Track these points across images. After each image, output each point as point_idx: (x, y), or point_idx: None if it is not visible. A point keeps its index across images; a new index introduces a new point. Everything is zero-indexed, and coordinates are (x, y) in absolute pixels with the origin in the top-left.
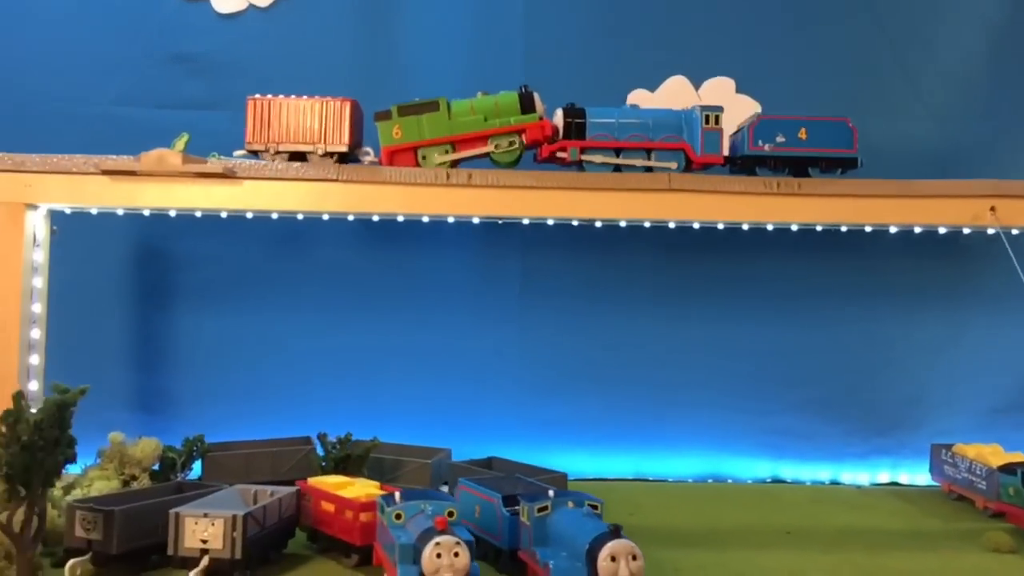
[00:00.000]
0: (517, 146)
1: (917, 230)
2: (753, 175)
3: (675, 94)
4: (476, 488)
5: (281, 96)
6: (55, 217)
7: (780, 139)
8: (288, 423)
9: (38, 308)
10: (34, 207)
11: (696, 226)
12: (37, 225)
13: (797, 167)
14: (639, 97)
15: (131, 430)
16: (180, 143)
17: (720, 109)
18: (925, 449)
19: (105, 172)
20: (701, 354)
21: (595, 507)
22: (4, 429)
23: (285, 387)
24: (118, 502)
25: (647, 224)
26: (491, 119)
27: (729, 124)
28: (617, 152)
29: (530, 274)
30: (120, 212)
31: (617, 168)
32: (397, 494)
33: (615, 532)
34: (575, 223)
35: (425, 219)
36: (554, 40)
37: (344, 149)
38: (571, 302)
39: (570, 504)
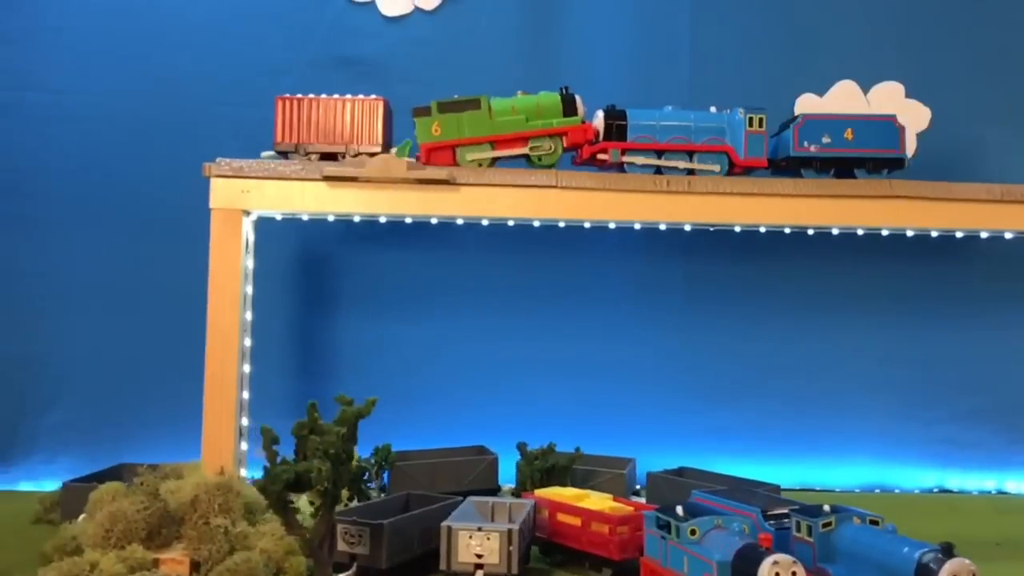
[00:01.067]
0: (558, 149)
1: None
2: (799, 176)
3: (844, 98)
4: (723, 502)
5: (311, 95)
6: None
7: (826, 139)
8: (448, 430)
9: (248, 315)
10: (247, 213)
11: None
12: (247, 231)
13: (843, 168)
14: (808, 101)
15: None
16: (402, 149)
17: (764, 111)
18: None
19: (327, 178)
20: (868, 361)
21: (876, 522)
22: (306, 441)
23: (444, 394)
24: (373, 515)
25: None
26: (532, 120)
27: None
28: (659, 154)
29: (693, 280)
30: (331, 218)
31: (658, 170)
32: (680, 508)
33: (948, 550)
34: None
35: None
36: (720, 44)
37: (378, 149)
38: (734, 308)
39: (856, 520)
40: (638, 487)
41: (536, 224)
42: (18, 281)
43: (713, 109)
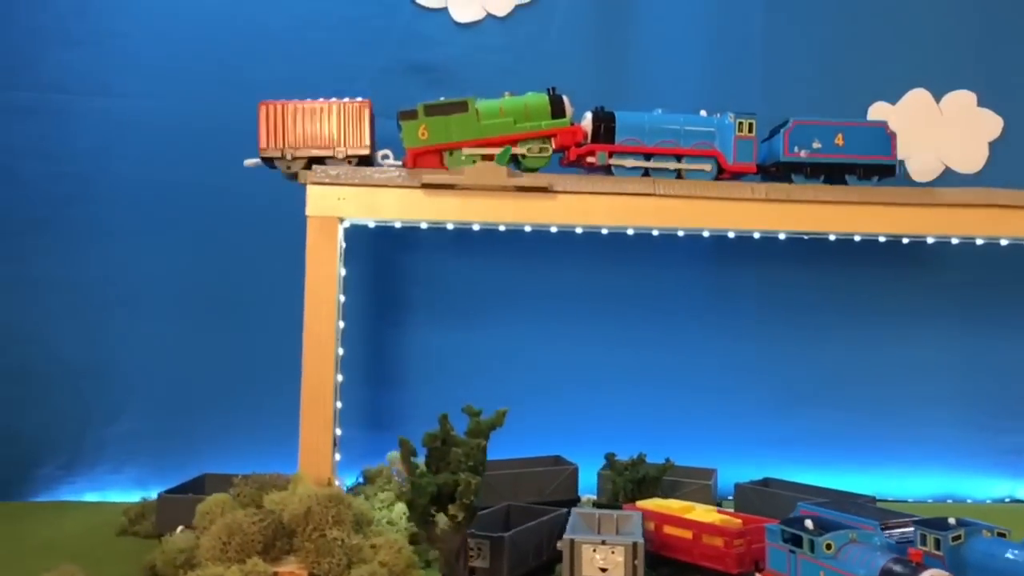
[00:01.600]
0: (548, 151)
1: None
2: (789, 182)
3: (916, 107)
4: (835, 515)
5: (295, 100)
6: None
7: (816, 145)
8: (519, 439)
9: (341, 324)
10: (341, 221)
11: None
12: (341, 239)
13: (834, 174)
14: (880, 110)
15: (363, 447)
16: (502, 157)
17: (754, 116)
18: None
19: (425, 186)
20: (940, 370)
21: (1003, 535)
22: (438, 453)
23: (515, 402)
24: (480, 527)
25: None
26: (521, 122)
27: (970, 139)
28: (647, 158)
29: (765, 288)
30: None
31: (646, 172)
32: (808, 521)
33: None
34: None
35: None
36: (793, 52)
37: (366, 152)
38: (808, 317)
39: (985, 533)
40: (723, 498)
41: (630, 232)
42: (86, 288)
43: (703, 113)
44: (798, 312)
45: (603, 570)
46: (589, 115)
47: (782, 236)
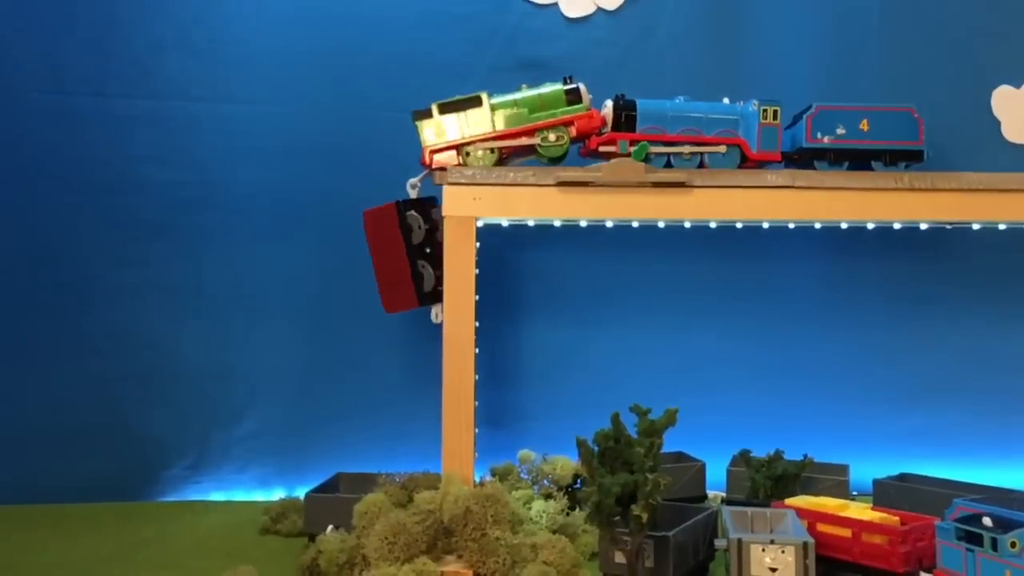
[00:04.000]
0: (565, 139)
1: None
2: (811, 169)
3: None
4: (1000, 512)
5: None
6: None
7: (840, 131)
8: None
9: (476, 324)
10: (477, 220)
11: None
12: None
13: (858, 160)
14: (1005, 94)
15: (482, 445)
16: (639, 152)
17: (779, 103)
18: None
19: (561, 184)
20: None
21: None
22: (612, 452)
23: (632, 399)
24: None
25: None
26: (536, 112)
27: None
28: (669, 146)
29: (890, 280)
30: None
31: (668, 162)
32: (987, 519)
33: None
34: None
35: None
36: (911, 37)
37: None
38: (933, 308)
39: None
40: (854, 493)
41: (765, 226)
42: (209, 292)
43: (726, 100)
44: (923, 304)
45: (773, 570)
46: (610, 103)
47: (924, 226)
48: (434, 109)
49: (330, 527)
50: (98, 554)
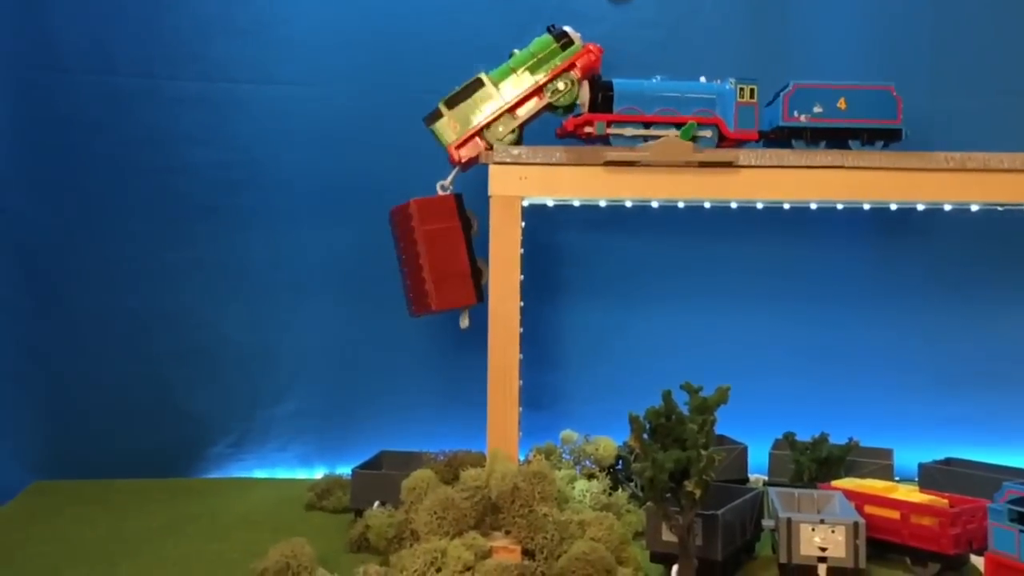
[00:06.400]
0: (574, 84)
1: None
2: (789, 148)
3: None
4: None
5: None
6: None
7: (817, 109)
8: None
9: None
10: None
11: None
12: None
13: (836, 139)
14: None
15: (523, 426)
16: (687, 131)
17: (756, 81)
18: None
19: (608, 163)
20: None
21: None
22: (664, 429)
23: (673, 382)
24: None
25: None
26: (536, 71)
27: None
28: (646, 126)
29: (935, 262)
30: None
31: (646, 141)
32: None
33: None
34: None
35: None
36: (966, 21)
37: None
38: (980, 292)
39: None
40: (897, 479)
41: (813, 207)
42: (253, 272)
43: (703, 79)
44: (969, 287)
45: (822, 549)
46: (586, 84)
47: (975, 208)
48: (442, 107)
49: (376, 503)
50: (149, 528)
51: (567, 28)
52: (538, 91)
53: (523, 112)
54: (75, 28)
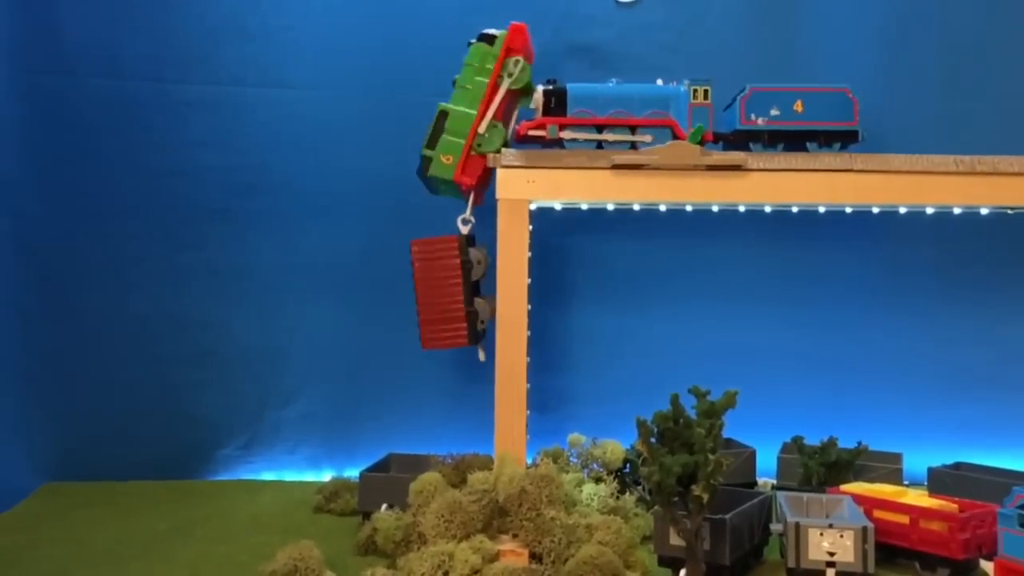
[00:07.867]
0: (523, 64)
1: None
2: (746, 151)
3: None
4: None
5: None
6: None
7: (774, 112)
8: None
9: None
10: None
11: None
12: None
13: (793, 142)
14: None
15: (530, 429)
16: (695, 135)
17: (709, 82)
18: None
19: (615, 167)
20: None
21: None
22: (671, 433)
23: (682, 386)
24: None
25: None
26: (483, 74)
27: None
28: (599, 129)
29: (945, 266)
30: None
31: (599, 145)
32: None
33: None
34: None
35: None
36: (973, 25)
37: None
38: (988, 296)
39: None
40: (906, 483)
41: (821, 210)
42: (262, 275)
43: (659, 82)
44: (979, 291)
45: (831, 554)
46: (540, 88)
47: (985, 211)
48: (425, 152)
49: (384, 506)
50: (157, 529)
51: (486, 30)
52: (494, 91)
53: (493, 109)
54: (85, 32)
